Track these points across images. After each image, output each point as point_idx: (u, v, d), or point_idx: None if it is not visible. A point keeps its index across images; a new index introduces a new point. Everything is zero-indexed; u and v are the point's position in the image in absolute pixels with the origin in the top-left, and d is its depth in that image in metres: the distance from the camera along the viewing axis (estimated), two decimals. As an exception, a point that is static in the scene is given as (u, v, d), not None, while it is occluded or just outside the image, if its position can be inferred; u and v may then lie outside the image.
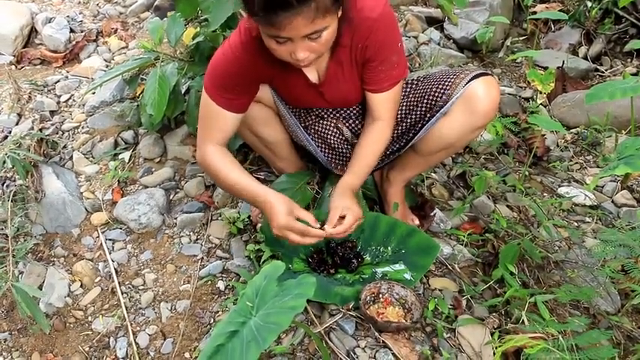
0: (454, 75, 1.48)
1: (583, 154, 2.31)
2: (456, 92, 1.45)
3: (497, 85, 1.46)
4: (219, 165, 1.45)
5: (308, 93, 1.51)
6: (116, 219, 1.90)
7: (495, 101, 1.44)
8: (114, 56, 2.74)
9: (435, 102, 1.50)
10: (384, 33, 1.37)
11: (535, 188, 2.04)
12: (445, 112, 1.48)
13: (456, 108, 1.46)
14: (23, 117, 2.38)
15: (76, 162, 2.12)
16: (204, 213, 1.88)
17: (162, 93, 1.84)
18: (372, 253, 1.58)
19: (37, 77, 2.62)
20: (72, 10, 3.15)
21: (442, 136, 1.52)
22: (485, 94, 1.42)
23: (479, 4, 2.85)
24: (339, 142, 1.67)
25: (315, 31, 1.17)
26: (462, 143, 1.60)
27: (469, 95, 1.43)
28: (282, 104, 1.57)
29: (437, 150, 1.58)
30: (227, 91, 1.41)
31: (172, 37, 1.98)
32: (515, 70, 2.78)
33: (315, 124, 1.66)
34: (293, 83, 1.48)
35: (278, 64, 1.34)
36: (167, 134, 2.13)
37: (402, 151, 1.63)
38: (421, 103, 1.54)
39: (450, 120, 1.48)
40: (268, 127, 1.64)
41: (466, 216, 1.85)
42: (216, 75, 1.41)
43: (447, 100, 1.47)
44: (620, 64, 2.85)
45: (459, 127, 1.48)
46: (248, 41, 1.35)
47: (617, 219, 1.97)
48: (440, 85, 1.50)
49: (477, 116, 1.44)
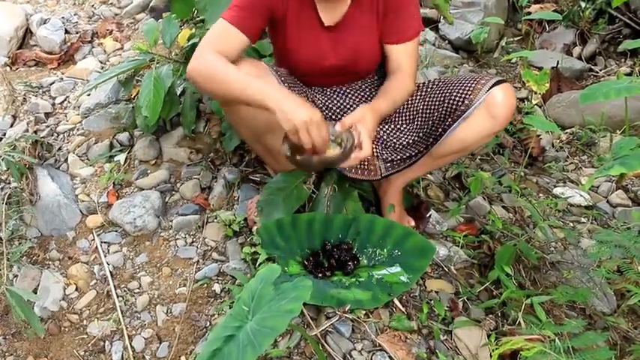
0: (474, 80, 1.51)
1: (578, 155, 2.32)
2: (478, 98, 1.48)
3: (514, 92, 1.51)
4: (217, 63, 1.35)
5: (319, 39, 1.50)
6: (111, 222, 1.89)
7: (513, 108, 1.49)
8: (109, 57, 2.74)
9: (456, 107, 1.52)
10: None
11: (531, 189, 2.05)
12: (466, 117, 1.50)
13: (477, 113, 1.49)
14: (18, 119, 2.37)
15: (71, 164, 2.11)
16: (199, 215, 1.88)
17: (158, 95, 1.83)
18: (368, 256, 1.58)
19: (31, 79, 2.61)
20: (67, 11, 3.14)
21: (459, 140, 1.54)
22: (505, 100, 1.46)
23: (473, 4, 2.86)
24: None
25: None
26: (475, 147, 1.65)
27: (490, 101, 1.46)
28: None
29: (449, 153, 1.60)
30: (242, 9, 1.41)
31: (167, 39, 1.97)
32: (510, 70, 2.78)
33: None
34: (306, 25, 1.48)
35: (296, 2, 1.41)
36: (163, 136, 2.12)
37: (422, 156, 1.62)
38: (441, 107, 1.56)
39: (470, 125, 1.51)
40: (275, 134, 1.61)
41: (462, 217, 1.86)
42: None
43: (468, 104, 1.49)
44: (614, 64, 2.86)
45: (478, 132, 1.52)
46: None
47: (612, 219, 1.98)
48: (460, 90, 1.52)
49: (496, 122, 1.48)
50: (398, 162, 1.65)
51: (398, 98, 1.52)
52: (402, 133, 1.63)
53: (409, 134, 1.63)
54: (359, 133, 1.34)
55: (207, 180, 1.99)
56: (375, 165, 1.65)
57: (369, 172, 1.65)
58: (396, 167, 1.66)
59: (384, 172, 1.64)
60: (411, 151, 1.64)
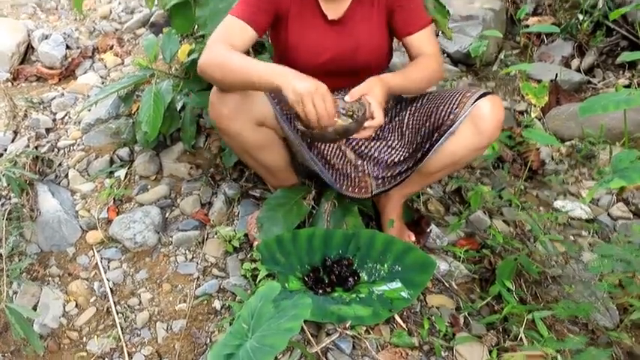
0: (460, 94, 1.50)
1: (578, 167, 2.31)
2: (463, 111, 1.46)
3: (501, 104, 1.49)
4: (229, 53, 1.37)
5: (322, 33, 1.51)
6: (112, 237, 1.89)
7: (500, 120, 1.47)
8: (110, 72, 2.75)
9: (442, 121, 1.51)
10: None
11: (531, 202, 2.04)
12: (453, 131, 1.49)
13: (463, 127, 1.47)
14: (19, 134, 2.38)
15: (71, 180, 2.11)
16: (200, 231, 1.88)
17: (158, 110, 1.84)
18: (368, 271, 1.57)
19: (33, 94, 2.63)
20: (68, 26, 3.16)
21: (447, 155, 1.53)
22: (492, 113, 1.45)
23: (472, 18, 2.87)
24: (343, 163, 1.65)
25: None
26: (466, 161, 1.62)
27: (476, 114, 1.45)
28: (286, 123, 1.55)
29: (440, 168, 1.59)
30: (248, 4, 1.45)
31: (167, 54, 1.99)
32: (509, 83, 2.79)
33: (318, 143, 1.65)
34: (309, 19, 1.50)
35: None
36: (163, 151, 2.13)
37: (412, 172, 1.62)
38: (428, 122, 1.55)
39: (457, 139, 1.49)
40: (270, 151, 1.62)
41: (462, 232, 1.85)
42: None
43: (454, 119, 1.48)
44: (612, 76, 2.86)
45: (465, 146, 1.50)
46: None
47: (613, 232, 1.98)
48: (447, 104, 1.51)
49: (483, 135, 1.47)
50: (389, 179, 1.65)
51: (415, 75, 1.52)
52: (394, 150, 1.63)
53: (400, 151, 1.62)
54: (369, 104, 1.34)
55: (208, 195, 1.99)
56: (366, 182, 1.64)
57: (359, 190, 1.65)
58: (387, 185, 1.65)
59: (374, 190, 1.64)
60: (401, 167, 1.64)
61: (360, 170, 1.65)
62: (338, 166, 1.66)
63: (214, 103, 1.48)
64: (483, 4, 2.98)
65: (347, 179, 1.67)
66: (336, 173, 1.67)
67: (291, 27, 1.51)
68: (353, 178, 1.65)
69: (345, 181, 1.67)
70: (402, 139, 1.63)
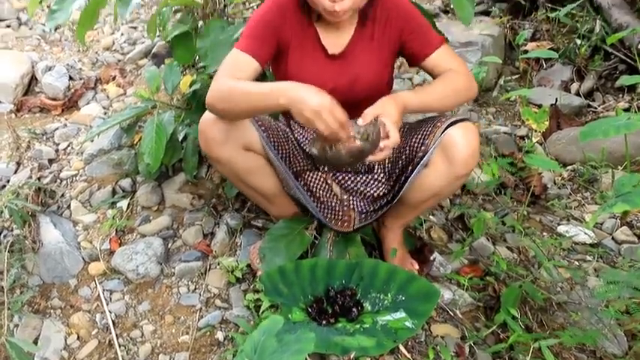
0: (432, 124, 1.48)
1: (581, 191, 2.31)
2: (433, 142, 1.44)
3: (475, 130, 1.44)
4: (234, 82, 1.38)
5: (322, 67, 1.51)
6: (114, 269, 1.88)
7: (474, 148, 1.42)
8: (112, 103, 2.77)
9: (415, 153, 1.50)
10: (406, 4, 1.50)
11: (534, 228, 2.04)
12: (425, 163, 1.47)
13: (436, 158, 1.45)
14: (22, 165, 2.39)
15: (73, 211, 2.12)
16: (202, 262, 1.87)
17: (160, 142, 1.85)
18: (372, 301, 1.56)
19: (36, 125, 2.64)
20: (71, 57, 3.19)
21: (426, 188, 1.51)
22: (463, 141, 1.41)
23: (471, 44, 2.90)
24: (328, 196, 1.66)
25: None
26: (448, 191, 1.60)
27: (447, 144, 1.42)
28: (272, 150, 1.56)
29: (424, 199, 1.57)
30: (253, 37, 1.45)
31: (169, 86, 2.00)
32: (509, 108, 2.80)
33: (304, 173, 1.66)
34: (309, 56, 1.50)
35: (300, 31, 1.46)
36: (165, 182, 2.13)
37: (393, 204, 1.61)
38: (404, 154, 1.54)
39: (431, 170, 1.47)
40: (261, 176, 1.62)
41: (466, 259, 1.84)
42: (250, 24, 1.47)
43: (425, 150, 1.46)
44: (612, 100, 2.88)
45: (441, 177, 1.47)
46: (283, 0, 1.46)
47: (618, 256, 1.96)
48: (419, 135, 1.50)
49: (456, 165, 1.43)
50: (371, 213, 1.65)
51: (437, 92, 1.46)
52: (380, 183, 1.63)
53: (384, 184, 1.62)
54: (383, 124, 1.32)
55: (210, 226, 1.99)
56: (349, 216, 1.65)
57: (342, 223, 1.65)
58: (369, 219, 1.65)
59: (356, 225, 1.64)
60: (382, 201, 1.63)
61: (346, 205, 1.65)
62: (323, 199, 1.66)
63: (203, 131, 1.49)
64: (482, 31, 3.01)
65: (331, 212, 1.67)
66: (321, 205, 1.67)
67: (292, 59, 1.52)
68: (337, 212, 1.65)
69: (329, 214, 1.67)
70: (385, 171, 1.63)
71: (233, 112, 1.40)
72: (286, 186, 1.66)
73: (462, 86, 1.48)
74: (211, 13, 2.10)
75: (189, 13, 2.20)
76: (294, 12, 1.47)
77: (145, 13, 3.63)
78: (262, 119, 1.56)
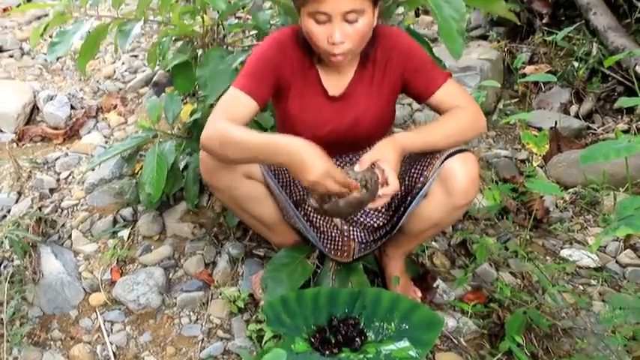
0: (431, 155, 1.46)
1: (583, 214, 2.30)
2: (432, 173, 1.43)
3: (474, 161, 1.43)
4: (230, 127, 1.34)
5: (322, 108, 1.50)
6: (115, 299, 1.87)
7: (473, 178, 1.41)
8: (113, 132, 2.78)
9: (414, 184, 1.49)
10: (407, 43, 1.48)
11: (537, 252, 2.03)
12: (424, 193, 1.46)
13: (435, 189, 1.44)
14: (23, 195, 2.39)
15: (74, 240, 2.11)
16: (204, 292, 1.85)
17: (161, 171, 1.85)
18: (375, 330, 1.54)
19: (37, 154, 2.65)
20: (73, 86, 3.22)
21: (425, 218, 1.50)
22: (462, 172, 1.40)
23: (470, 69, 2.92)
24: (329, 226, 1.65)
25: (354, 11, 1.26)
26: (448, 221, 1.58)
27: (446, 175, 1.41)
28: (272, 179, 1.55)
29: (424, 229, 1.56)
30: (252, 76, 1.43)
31: (170, 115, 2.01)
32: (509, 132, 2.81)
33: (304, 203, 1.65)
34: (310, 97, 1.49)
35: (300, 71, 1.45)
36: (166, 211, 2.13)
37: (392, 234, 1.60)
38: (403, 184, 1.53)
39: (431, 201, 1.46)
40: (261, 204, 1.60)
41: (469, 285, 1.83)
42: (250, 62, 1.45)
43: (424, 181, 1.45)
44: (611, 121, 2.89)
45: (440, 208, 1.46)
46: (283, 38, 1.46)
47: (623, 279, 1.95)
48: (417, 165, 1.49)
49: (456, 196, 1.42)
50: (370, 243, 1.64)
51: (442, 129, 1.44)
52: (380, 213, 1.63)
53: (383, 214, 1.62)
54: (382, 170, 1.31)
55: (211, 255, 1.98)
56: (349, 246, 1.64)
57: (341, 254, 1.64)
58: (368, 249, 1.65)
59: (355, 255, 1.64)
60: (381, 231, 1.63)
61: (346, 235, 1.65)
62: (323, 229, 1.65)
63: (204, 159, 1.49)
64: (480, 55, 3.04)
65: (331, 242, 1.66)
66: (321, 235, 1.66)
67: (292, 99, 1.50)
68: (337, 242, 1.64)
69: (329, 244, 1.66)
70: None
71: (226, 157, 1.37)
72: (286, 215, 1.65)
73: (468, 123, 1.46)
74: (211, 42, 2.12)
75: (189, 42, 2.22)
76: (295, 51, 1.46)
77: (146, 42, 3.67)
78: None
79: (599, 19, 2.96)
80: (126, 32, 1.98)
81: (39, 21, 4.05)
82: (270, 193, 1.60)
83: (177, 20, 2.09)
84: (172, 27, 2.10)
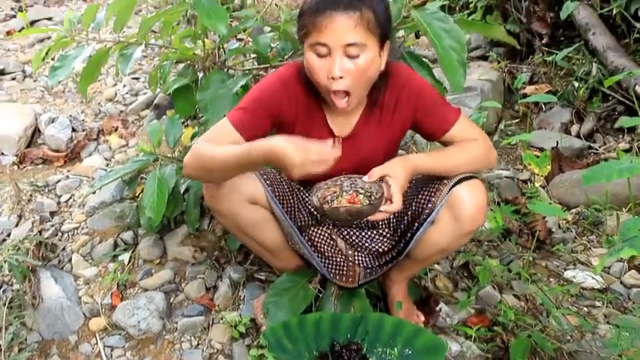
0: (439, 181, 1.46)
1: (586, 235, 2.29)
2: (440, 200, 1.43)
3: (482, 187, 1.43)
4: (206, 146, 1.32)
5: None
6: (115, 324, 1.85)
7: (481, 205, 1.41)
8: (114, 154, 2.79)
9: (421, 210, 1.49)
10: (418, 83, 1.47)
11: (540, 274, 2.01)
12: (432, 220, 1.45)
13: (442, 215, 1.44)
14: (23, 218, 2.38)
15: (74, 264, 2.10)
16: (205, 316, 1.83)
17: (162, 195, 1.85)
18: (378, 356, 1.52)
19: (38, 177, 2.65)
20: (74, 109, 3.23)
21: (433, 244, 1.49)
22: (471, 199, 1.39)
23: (470, 89, 2.93)
24: (333, 251, 1.64)
25: (355, 44, 1.24)
26: (455, 247, 1.58)
27: (453, 202, 1.41)
28: (277, 205, 1.54)
29: (430, 255, 1.55)
30: (245, 110, 1.41)
31: (171, 139, 2.02)
32: (510, 152, 2.81)
33: (309, 228, 1.64)
34: (316, 134, 1.45)
35: (305, 110, 1.42)
36: (167, 235, 2.12)
37: (399, 260, 1.59)
38: (409, 210, 1.53)
39: (438, 228, 1.46)
40: (265, 230, 1.59)
41: (472, 308, 1.81)
42: (249, 96, 1.44)
43: (432, 208, 1.45)
44: (612, 141, 2.89)
45: (448, 234, 1.45)
46: (288, 76, 1.43)
47: (628, 301, 1.93)
48: (425, 191, 1.49)
49: (464, 223, 1.41)
50: (376, 269, 1.63)
51: (452, 159, 1.45)
52: (385, 238, 1.62)
53: (389, 239, 1.61)
54: (389, 187, 1.31)
55: (212, 279, 1.97)
56: (354, 272, 1.63)
57: (347, 279, 1.63)
58: (374, 274, 1.63)
59: (361, 280, 1.62)
60: (387, 257, 1.62)
61: (351, 260, 1.63)
62: (328, 254, 1.64)
63: (208, 185, 1.48)
64: (481, 76, 3.05)
65: (336, 267, 1.65)
66: (326, 260, 1.65)
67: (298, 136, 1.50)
68: (342, 267, 1.63)
69: (334, 269, 1.65)
70: (389, 226, 1.61)
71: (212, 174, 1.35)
72: (291, 240, 1.64)
73: (480, 155, 1.48)
74: (211, 65, 2.13)
75: (190, 65, 2.24)
76: (300, 89, 1.43)
77: (147, 64, 3.70)
78: (266, 172, 1.54)
79: (598, 40, 2.98)
80: (127, 56, 1.99)
81: (41, 44, 4.09)
82: (274, 218, 1.59)
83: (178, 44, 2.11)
84: (173, 50, 2.12)
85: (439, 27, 1.49)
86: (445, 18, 1.53)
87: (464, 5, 4.01)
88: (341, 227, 1.64)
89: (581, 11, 3.10)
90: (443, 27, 1.50)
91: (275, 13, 3.78)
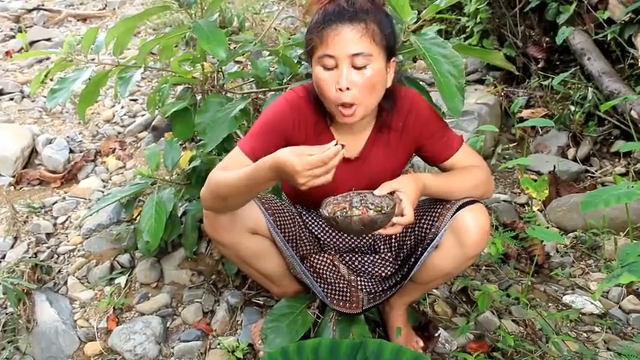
0: (442, 205, 1.47)
1: (584, 259, 2.29)
2: (443, 224, 1.43)
3: (485, 212, 1.44)
4: (219, 173, 1.34)
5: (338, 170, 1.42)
6: (111, 349, 1.83)
7: (485, 230, 1.41)
8: (111, 176, 2.78)
9: (424, 234, 1.49)
10: (425, 109, 1.48)
11: (539, 299, 2.00)
12: (436, 245, 1.46)
13: (446, 240, 1.44)
14: (19, 239, 2.36)
15: (70, 287, 2.08)
16: (202, 341, 1.81)
17: (159, 219, 1.84)
18: (377, 383, 1.50)
19: (35, 198, 2.64)
20: (72, 130, 3.23)
21: (435, 269, 1.49)
22: (474, 224, 1.40)
23: (468, 113, 2.95)
24: (336, 277, 1.63)
25: (362, 54, 1.26)
26: (458, 271, 1.58)
27: (457, 227, 1.41)
28: (279, 235, 1.54)
29: (433, 279, 1.55)
30: (256, 137, 1.42)
31: (169, 162, 2.01)
32: (508, 176, 2.82)
33: (310, 256, 1.63)
34: None
35: (313, 132, 1.43)
36: (164, 258, 2.10)
37: (402, 284, 1.59)
38: (412, 234, 1.53)
39: (442, 252, 1.46)
40: (266, 259, 1.59)
41: (471, 334, 1.80)
42: (259, 122, 1.44)
43: (435, 232, 1.45)
44: (609, 165, 2.90)
45: (452, 259, 1.45)
46: (295, 99, 1.44)
47: (627, 326, 1.92)
48: (428, 216, 1.49)
49: (467, 247, 1.42)
50: (379, 294, 1.62)
51: (458, 183, 1.46)
52: (388, 262, 1.61)
53: (391, 264, 1.60)
54: (400, 201, 1.31)
55: (210, 303, 1.95)
56: (357, 297, 1.62)
57: (350, 305, 1.61)
58: (377, 299, 1.63)
59: (365, 306, 1.61)
60: (390, 281, 1.61)
61: (353, 286, 1.62)
62: (330, 280, 1.63)
63: (208, 215, 1.47)
64: (478, 100, 3.07)
65: (338, 294, 1.64)
66: (328, 287, 1.64)
67: None
68: (344, 293, 1.62)
69: (336, 296, 1.64)
70: (392, 250, 1.61)
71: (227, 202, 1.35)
72: (292, 269, 1.63)
73: (482, 182, 1.49)
74: (210, 89, 2.14)
75: (188, 89, 2.24)
76: (308, 111, 1.44)
77: (146, 86, 3.71)
78: (268, 200, 1.54)
79: (593, 64, 3.01)
80: (126, 79, 2.00)
81: (40, 64, 4.10)
82: (275, 247, 1.58)
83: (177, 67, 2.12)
84: (172, 73, 2.13)
85: (438, 52, 1.50)
86: (443, 43, 1.54)
87: (460, 29, 4.05)
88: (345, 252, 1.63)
89: (577, 36, 3.14)
90: (441, 52, 1.51)
91: (273, 37, 3.81)
